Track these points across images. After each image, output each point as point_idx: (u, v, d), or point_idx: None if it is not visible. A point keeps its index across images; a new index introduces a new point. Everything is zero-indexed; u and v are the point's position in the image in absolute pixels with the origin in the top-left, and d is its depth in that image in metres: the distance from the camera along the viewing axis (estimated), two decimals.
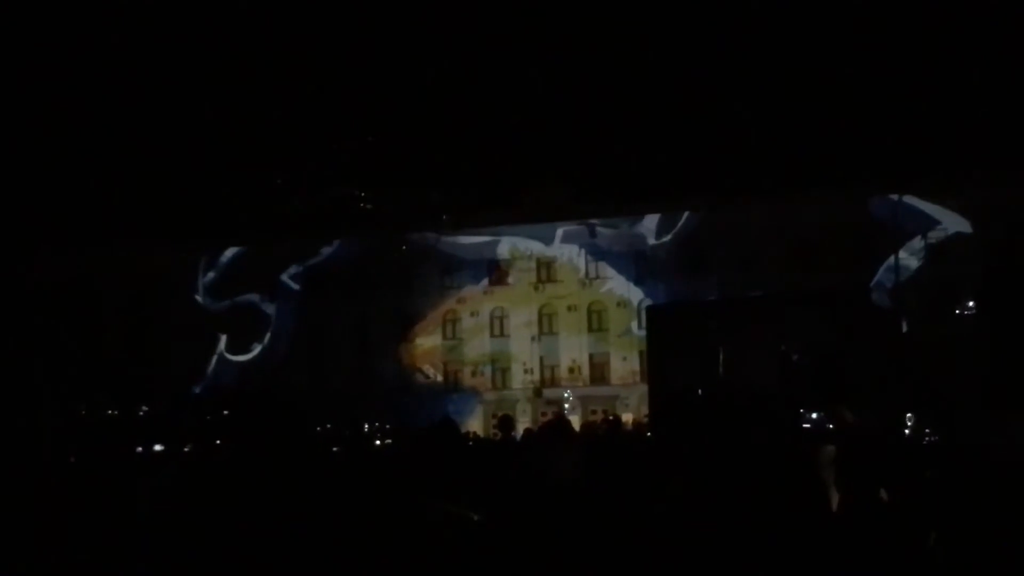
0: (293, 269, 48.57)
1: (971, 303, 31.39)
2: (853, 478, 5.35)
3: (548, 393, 45.40)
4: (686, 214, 44.59)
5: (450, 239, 47.28)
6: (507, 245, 47.44)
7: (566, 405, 42.73)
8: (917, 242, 41.97)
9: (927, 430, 14.64)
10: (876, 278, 40.65)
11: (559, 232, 46.64)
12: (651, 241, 45.49)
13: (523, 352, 47.02)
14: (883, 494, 5.44)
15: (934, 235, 41.94)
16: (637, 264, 45.75)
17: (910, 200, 41.17)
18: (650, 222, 45.40)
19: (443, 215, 44.82)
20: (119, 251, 45.88)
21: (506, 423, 13.95)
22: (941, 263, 40.52)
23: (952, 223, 41.71)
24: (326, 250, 47.71)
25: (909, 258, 41.57)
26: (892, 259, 40.03)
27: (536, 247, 47.17)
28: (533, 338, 46.99)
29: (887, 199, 40.84)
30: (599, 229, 46.08)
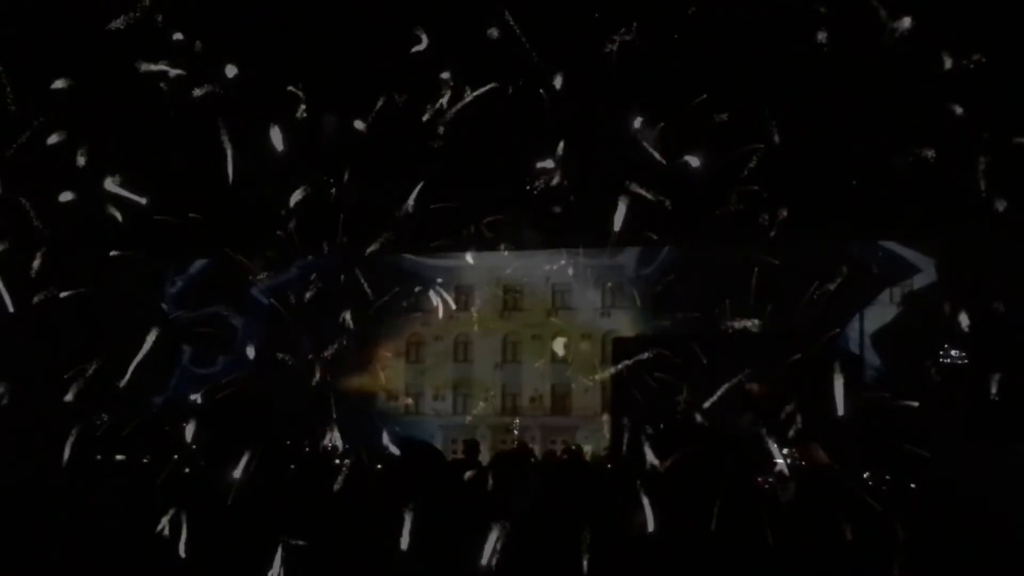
0: (263, 282, 48.15)
1: (947, 349, 31.62)
2: (818, 516, 5.39)
3: (509, 421, 45.25)
4: (666, 249, 44.53)
5: (419, 262, 47.08)
6: (476, 271, 47.22)
7: (515, 432, 42.66)
8: (891, 287, 41.91)
9: (887, 477, 14.75)
10: (849, 321, 40.74)
11: (530, 260, 46.46)
12: (628, 273, 45.37)
13: (486, 379, 46.85)
14: (846, 532, 5.49)
15: (908, 281, 41.85)
16: (605, 296, 45.71)
17: (889, 245, 41.38)
18: (629, 255, 45.33)
19: (414, 238, 44.60)
20: (83, 257, 45.31)
21: (472, 448, 14.04)
22: (914, 309, 40.51)
23: (928, 269, 41.58)
24: (296, 266, 47.32)
25: (882, 303, 41.60)
26: (864, 303, 40.20)
27: (505, 274, 46.97)
28: (496, 365, 46.83)
29: (865, 243, 40.90)
30: (575, 258, 45.98)
